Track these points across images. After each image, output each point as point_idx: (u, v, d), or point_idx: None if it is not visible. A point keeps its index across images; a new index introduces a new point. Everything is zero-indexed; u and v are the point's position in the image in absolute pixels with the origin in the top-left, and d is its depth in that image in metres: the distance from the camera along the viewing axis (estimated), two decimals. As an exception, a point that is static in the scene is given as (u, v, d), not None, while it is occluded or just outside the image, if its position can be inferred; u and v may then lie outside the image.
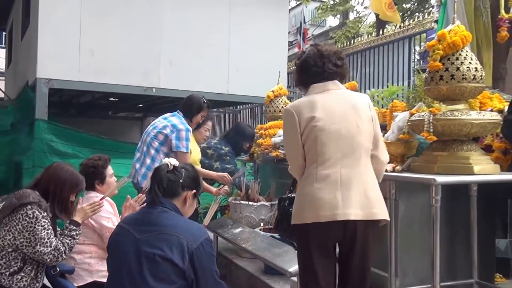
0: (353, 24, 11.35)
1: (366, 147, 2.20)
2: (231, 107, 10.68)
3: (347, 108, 2.20)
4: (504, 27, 3.96)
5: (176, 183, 2.18)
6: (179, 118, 3.89)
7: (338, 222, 2.12)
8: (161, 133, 3.81)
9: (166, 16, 6.61)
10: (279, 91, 4.82)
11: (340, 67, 2.31)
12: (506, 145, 3.03)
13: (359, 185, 2.15)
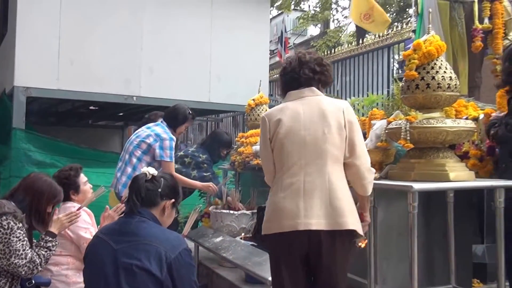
0: (334, 33, 11.50)
1: (332, 154, 2.10)
2: (213, 116, 10.67)
3: (316, 114, 2.14)
4: (478, 37, 4.05)
5: (154, 192, 2.17)
6: (162, 128, 3.87)
7: (301, 232, 2.04)
8: (144, 142, 3.79)
9: (147, 24, 6.57)
10: (260, 99, 4.84)
11: (319, 73, 2.25)
12: (482, 152, 3.09)
13: (324, 193, 2.06)
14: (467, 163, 3.03)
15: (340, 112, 2.13)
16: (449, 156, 2.76)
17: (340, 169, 2.13)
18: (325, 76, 2.28)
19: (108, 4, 6.37)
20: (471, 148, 3.15)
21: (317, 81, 2.26)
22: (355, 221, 2.11)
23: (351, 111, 2.19)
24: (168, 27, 6.71)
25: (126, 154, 3.84)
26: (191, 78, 6.83)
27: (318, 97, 2.22)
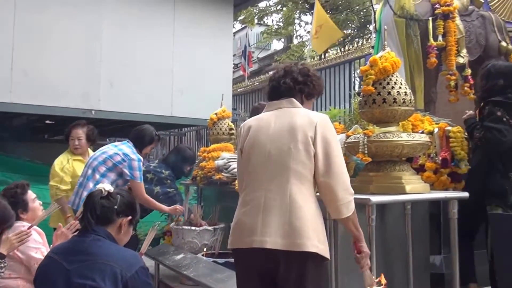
0: (297, 48, 11.66)
1: (296, 171, 1.97)
2: (176, 130, 10.56)
3: (284, 128, 2.02)
4: (433, 54, 4.18)
5: (110, 209, 2.11)
6: (130, 148, 3.85)
7: (257, 250, 1.94)
8: (110, 159, 3.75)
9: (106, 36, 6.44)
10: (222, 113, 4.83)
11: (301, 84, 2.14)
12: (437, 165, 3.17)
13: (284, 212, 1.93)
14: (423, 176, 3.11)
15: (311, 127, 1.99)
16: (405, 169, 2.82)
17: (306, 187, 1.98)
18: (309, 87, 2.16)
19: (65, 14, 6.19)
20: (427, 161, 3.24)
21: (299, 92, 2.15)
22: (318, 244, 1.93)
23: (327, 126, 2.02)
24: (129, 40, 6.60)
25: (89, 169, 3.76)
26: (153, 92, 6.74)
27: (294, 109, 2.09)
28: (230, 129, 4.78)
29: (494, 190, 3.03)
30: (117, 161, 3.73)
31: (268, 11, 12.44)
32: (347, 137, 3.04)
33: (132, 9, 6.64)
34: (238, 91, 11.01)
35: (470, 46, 4.44)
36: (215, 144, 4.66)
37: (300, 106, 2.11)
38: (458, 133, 3.09)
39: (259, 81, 10.54)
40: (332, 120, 5.14)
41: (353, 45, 8.28)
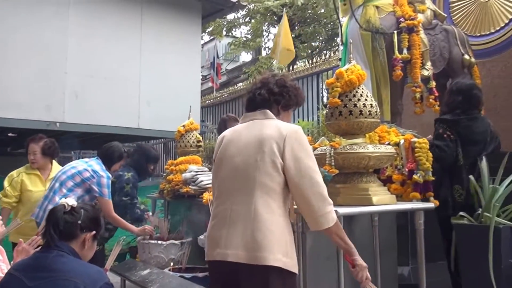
0: (265, 60, 11.72)
1: (262, 183, 1.93)
2: (143, 142, 10.39)
3: (253, 140, 2.00)
4: (398, 66, 4.26)
5: (74, 224, 2.06)
6: (99, 165, 3.82)
7: (221, 262, 1.93)
8: (79, 175, 3.70)
9: (71, 46, 6.31)
10: (190, 125, 4.79)
11: (277, 95, 2.12)
12: (403, 177, 3.21)
13: (247, 224, 1.90)
14: (390, 187, 3.14)
15: (280, 139, 1.95)
16: (372, 180, 2.84)
17: (272, 200, 1.94)
18: (285, 98, 2.14)
19: (29, 25, 6.05)
20: (394, 173, 3.27)
21: (275, 103, 2.12)
22: (281, 257, 1.89)
23: (297, 138, 1.98)
24: (95, 51, 6.49)
25: (57, 183, 3.71)
26: (119, 103, 6.63)
27: (267, 120, 2.06)
28: (198, 142, 4.74)
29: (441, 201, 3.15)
30: (85, 177, 3.69)
31: (237, 23, 12.48)
32: (314, 149, 3.03)
33: (99, 20, 6.55)
34: (206, 103, 10.97)
35: (435, 59, 4.54)
36: (182, 156, 4.61)
37: (273, 117, 2.09)
38: (423, 144, 3.12)
39: (228, 92, 10.53)
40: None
41: (321, 58, 8.37)
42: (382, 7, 4.46)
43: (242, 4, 8.67)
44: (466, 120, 3.41)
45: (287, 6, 10.13)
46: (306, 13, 11.34)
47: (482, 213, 3.10)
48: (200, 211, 4.07)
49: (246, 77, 12.32)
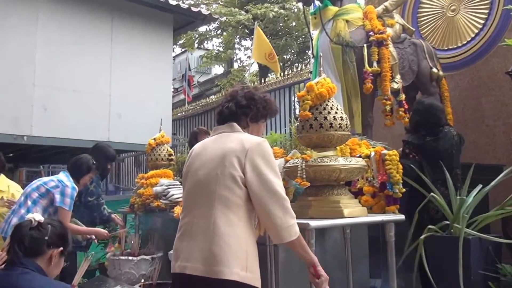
0: (238, 73, 11.74)
1: (222, 196, 1.93)
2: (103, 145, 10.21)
3: (216, 153, 2.00)
4: (369, 79, 4.32)
5: (40, 240, 2.03)
6: (66, 176, 3.76)
7: (181, 275, 1.93)
8: (44, 185, 3.66)
9: (40, 58, 6.16)
10: (161, 138, 4.73)
11: (245, 107, 2.12)
12: (374, 189, 3.22)
13: (207, 237, 1.89)
14: (362, 199, 3.15)
15: (242, 152, 1.95)
16: (343, 193, 2.85)
17: (232, 213, 1.93)
18: (253, 111, 2.14)
19: (-5, 36, 5.90)
20: (365, 185, 3.28)
21: (243, 116, 2.14)
22: (239, 271, 1.87)
23: (260, 151, 1.97)
24: (65, 63, 6.35)
25: (22, 196, 3.69)
26: (89, 116, 6.49)
27: (232, 133, 2.07)
28: (169, 155, 4.68)
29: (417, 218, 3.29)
30: (50, 187, 3.64)
31: (208, 36, 12.48)
32: (286, 162, 3.03)
33: (68, 31, 6.43)
34: (178, 115, 10.88)
35: (404, 72, 4.62)
36: (153, 170, 4.54)
37: (239, 130, 2.09)
38: (393, 156, 3.15)
39: (200, 105, 10.48)
40: (272, 145, 5.17)
41: (293, 70, 8.43)
42: (352, 21, 4.53)
43: (214, 17, 8.67)
44: (431, 142, 3.57)
45: (258, 19, 10.19)
46: (278, 26, 11.44)
47: (451, 225, 3.15)
48: (171, 225, 4.00)
49: (218, 90, 12.31)
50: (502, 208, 3.30)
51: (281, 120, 7.88)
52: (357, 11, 4.62)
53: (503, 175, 3.39)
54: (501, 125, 4.90)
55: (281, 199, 1.93)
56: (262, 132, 2.25)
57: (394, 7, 4.86)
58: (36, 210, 3.47)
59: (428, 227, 3.19)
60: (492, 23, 5.12)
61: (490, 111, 5.00)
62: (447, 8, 5.62)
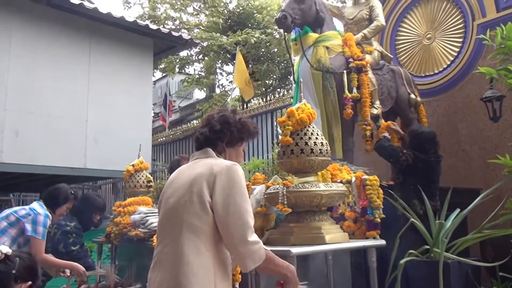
0: (219, 97, 11.74)
1: (190, 224, 1.86)
2: (90, 183, 9.99)
3: (186, 180, 1.94)
4: (349, 105, 4.36)
5: (7, 274, 1.93)
6: (39, 204, 3.57)
7: None
8: (14, 214, 3.43)
9: (12, 81, 5.95)
10: (139, 165, 4.63)
11: (219, 132, 2.06)
12: (356, 214, 3.20)
13: (174, 266, 1.83)
14: (344, 225, 3.12)
15: (211, 177, 1.88)
16: (325, 219, 2.82)
17: (200, 241, 1.86)
18: (227, 135, 2.08)
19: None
20: (347, 210, 3.26)
21: (218, 141, 2.08)
22: None
23: (228, 176, 1.90)
24: (38, 86, 6.13)
25: None
26: (65, 142, 6.26)
27: (206, 159, 2.01)
28: (148, 182, 4.58)
29: None
30: (21, 215, 3.41)
31: (190, 60, 12.49)
32: (267, 187, 2.99)
33: (43, 55, 6.27)
34: (158, 141, 10.77)
35: (383, 98, 4.68)
36: (131, 197, 4.42)
37: (212, 156, 2.04)
38: (374, 182, 3.15)
39: (181, 130, 10.41)
40: (254, 171, 5.12)
41: (275, 96, 8.47)
42: (332, 47, 4.59)
43: (195, 42, 8.68)
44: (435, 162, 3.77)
45: (240, 44, 10.27)
46: (260, 52, 11.53)
47: (431, 249, 3.14)
48: (150, 255, 3.87)
49: (200, 115, 12.27)
50: (480, 232, 3.32)
51: (263, 145, 7.87)
52: (337, 38, 4.69)
53: (480, 198, 3.43)
54: (477, 150, 4.98)
55: (243, 226, 1.84)
56: (241, 156, 2.18)
57: (372, 34, 4.95)
58: (4, 241, 3.27)
59: (409, 251, 3.18)
60: (466, 51, 5.26)
61: (466, 136, 5.10)
62: (423, 36, 5.75)
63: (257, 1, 11.58)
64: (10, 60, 5.98)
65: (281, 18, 4.35)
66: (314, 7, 4.56)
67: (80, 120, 6.49)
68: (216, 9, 11.38)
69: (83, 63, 6.65)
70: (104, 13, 6.64)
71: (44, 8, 6.23)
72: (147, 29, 7.32)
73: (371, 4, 5.08)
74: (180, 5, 12.02)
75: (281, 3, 9.95)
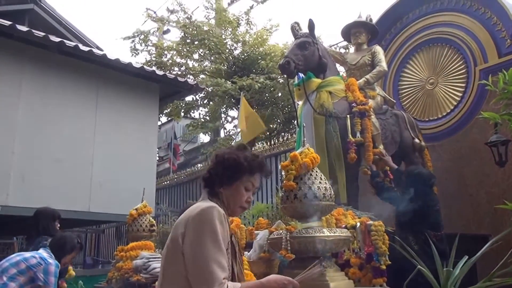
0: (224, 142, 11.77)
1: (166, 271, 1.78)
2: (94, 226, 9.91)
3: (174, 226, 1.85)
4: (352, 149, 4.35)
5: None
6: (48, 253, 3.58)
7: None
8: (24, 262, 3.43)
9: (20, 126, 6.01)
10: (143, 209, 4.62)
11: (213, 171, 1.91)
12: (361, 260, 3.13)
13: None
14: (349, 272, 3.04)
15: (186, 222, 1.76)
16: (329, 265, 2.75)
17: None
18: (217, 175, 1.90)
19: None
20: (352, 256, 3.19)
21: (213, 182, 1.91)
22: None
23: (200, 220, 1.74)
24: (46, 130, 6.19)
25: None
26: (70, 186, 6.27)
27: (198, 202, 1.89)
28: (151, 226, 4.54)
29: None
30: (31, 264, 3.42)
31: (195, 105, 12.64)
32: (270, 233, 2.95)
33: (51, 99, 6.36)
34: (162, 184, 10.74)
35: (387, 142, 4.67)
36: (134, 242, 4.38)
37: (205, 198, 1.90)
38: (379, 227, 3.10)
39: (185, 174, 10.40)
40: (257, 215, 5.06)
41: (279, 140, 8.50)
42: (335, 92, 4.63)
43: (200, 87, 8.81)
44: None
45: (245, 89, 10.41)
46: (264, 96, 11.66)
47: (440, 298, 3.03)
48: (150, 301, 3.80)
49: (204, 158, 12.28)
50: (490, 280, 3.21)
51: (267, 190, 7.82)
52: (340, 83, 4.74)
53: (489, 244, 3.34)
54: (484, 195, 4.91)
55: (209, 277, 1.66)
56: (242, 195, 1.92)
57: (375, 79, 5.01)
58: (12, 287, 3.29)
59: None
60: (470, 96, 5.29)
61: (472, 181, 5.03)
62: (426, 81, 5.81)
63: (261, 48, 11.83)
64: (20, 105, 6.08)
65: (285, 64, 4.41)
66: (317, 53, 4.64)
67: (85, 164, 6.51)
68: (220, 56, 11.62)
69: (90, 107, 6.74)
70: (113, 60, 6.78)
71: (54, 55, 6.38)
72: (154, 74, 7.45)
73: (373, 50, 5.18)
74: (186, 51, 12.29)
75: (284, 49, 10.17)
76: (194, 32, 11.67)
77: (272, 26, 12.25)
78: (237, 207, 1.93)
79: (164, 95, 7.99)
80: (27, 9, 7.66)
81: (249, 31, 12.25)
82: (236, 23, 12.03)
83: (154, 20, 13.17)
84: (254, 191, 1.99)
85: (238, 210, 1.96)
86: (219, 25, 11.87)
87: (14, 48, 6.08)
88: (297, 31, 4.74)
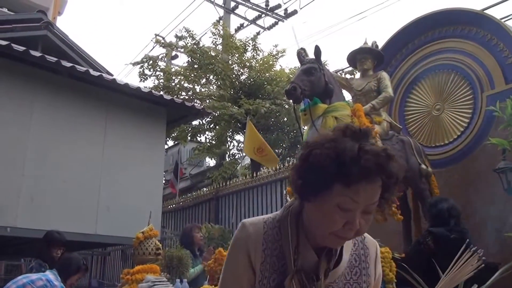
0: (229, 165, 11.81)
1: None
2: (100, 249, 9.90)
3: None
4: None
5: None
6: (55, 275, 3.62)
7: None
8: (31, 284, 3.45)
9: (31, 149, 6.10)
10: (149, 232, 4.59)
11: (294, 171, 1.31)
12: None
13: None
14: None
15: None
16: None
17: None
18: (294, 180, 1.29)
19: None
20: (359, 283, 3.16)
21: (295, 189, 1.33)
22: None
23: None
24: (55, 154, 6.28)
25: None
26: (77, 209, 6.33)
27: None
28: (157, 249, 4.51)
29: None
30: (38, 286, 3.44)
31: (201, 129, 12.73)
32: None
33: (62, 122, 6.47)
34: (168, 208, 10.73)
35: (393, 168, 4.66)
36: (140, 265, 4.35)
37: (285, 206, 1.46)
38: (386, 254, 3.08)
39: (191, 198, 10.38)
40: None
41: (284, 164, 8.51)
42: (341, 117, 4.64)
43: (207, 112, 8.90)
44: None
45: (250, 113, 10.49)
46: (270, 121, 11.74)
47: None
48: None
49: (210, 182, 12.29)
50: (501, 309, 3.16)
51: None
52: (346, 109, 4.76)
53: (499, 273, 3.29)
54: (492, 222, 4.86)
55: None
56: (330, 217, 1.17)
57: (381, 105, 5.04)
58: None
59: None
60: (477, 122, 5.29)
61: (480, 208, 4.99)
62: (432, 107, 5.84)
63: (267, 73, 11.96)
64: (31, 128, 6.17)
65: (291, 89, 4.44)
66: (323, 79, 4.67)
67: (93, 187, 6.56)
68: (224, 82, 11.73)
69: (100, 130, 6.83)
70: (122, 84, 6.91)
71: (66, 79, 6.51)
72: (162, 99, 7.56)
73: (379, 76, 5.22)
74: (193, 76, 12.45)
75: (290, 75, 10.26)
76: (201, 57, 11.84)
77: (278, 51, 12.42)
78: (326, 233, 1.20)
79: (171, 119, 8.08)
80: (41, 35, 7.84)
81: (255, 57, 12.43)
82: (243, 48, 12.22)
83: (162, 46, 13.40)
84: (370, 210, 1.22)
85: (331, 239, 1.21)
86: (226, 51, 12.05)
87: (27, 73, 6.22)
88: (303, 57, 4.80)
